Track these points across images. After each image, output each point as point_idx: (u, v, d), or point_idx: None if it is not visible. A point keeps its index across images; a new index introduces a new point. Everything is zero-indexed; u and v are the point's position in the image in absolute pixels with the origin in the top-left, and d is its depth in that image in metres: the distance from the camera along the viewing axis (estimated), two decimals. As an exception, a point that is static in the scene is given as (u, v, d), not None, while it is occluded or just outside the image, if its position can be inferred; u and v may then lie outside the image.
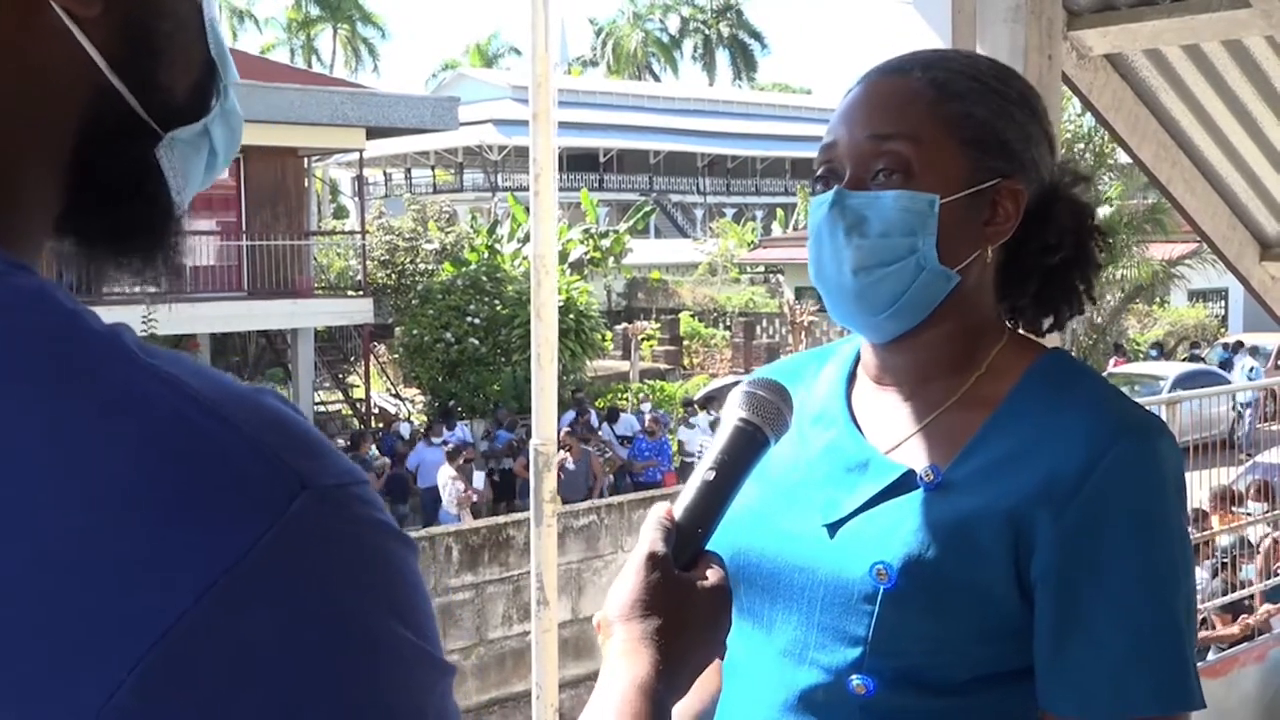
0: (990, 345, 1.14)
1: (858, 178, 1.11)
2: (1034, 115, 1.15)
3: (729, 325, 28.05)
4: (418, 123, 18.49)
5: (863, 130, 1.11)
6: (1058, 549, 1.02)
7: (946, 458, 1.09)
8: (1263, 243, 3.67)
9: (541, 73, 4.84)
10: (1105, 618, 1.02)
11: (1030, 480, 1.04)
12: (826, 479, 1.14)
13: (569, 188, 34.15)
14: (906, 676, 1.06)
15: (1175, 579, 1.03)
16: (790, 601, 1.11)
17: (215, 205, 18.37)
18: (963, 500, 1.06)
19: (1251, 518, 7.31)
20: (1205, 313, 27.64)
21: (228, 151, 0.71)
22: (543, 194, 4.94)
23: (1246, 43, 2.86)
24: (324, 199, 29.98)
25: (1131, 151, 3.21)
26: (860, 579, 1.06)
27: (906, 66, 1.14)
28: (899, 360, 1.16)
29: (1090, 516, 1.02)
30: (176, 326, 16.10)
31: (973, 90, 1.12)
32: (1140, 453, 1.04)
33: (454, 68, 52.22)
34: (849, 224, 1.10)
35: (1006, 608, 1.04)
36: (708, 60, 58.11)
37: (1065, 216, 1.15)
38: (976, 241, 1.11)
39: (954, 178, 1.10)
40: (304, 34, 50.10)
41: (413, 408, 19.71)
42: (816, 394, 1.22)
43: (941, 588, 1.04)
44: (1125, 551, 1.02)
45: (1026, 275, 1.16)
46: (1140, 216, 18.13)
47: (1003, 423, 1.09)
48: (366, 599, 0.53)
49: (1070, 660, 1.03)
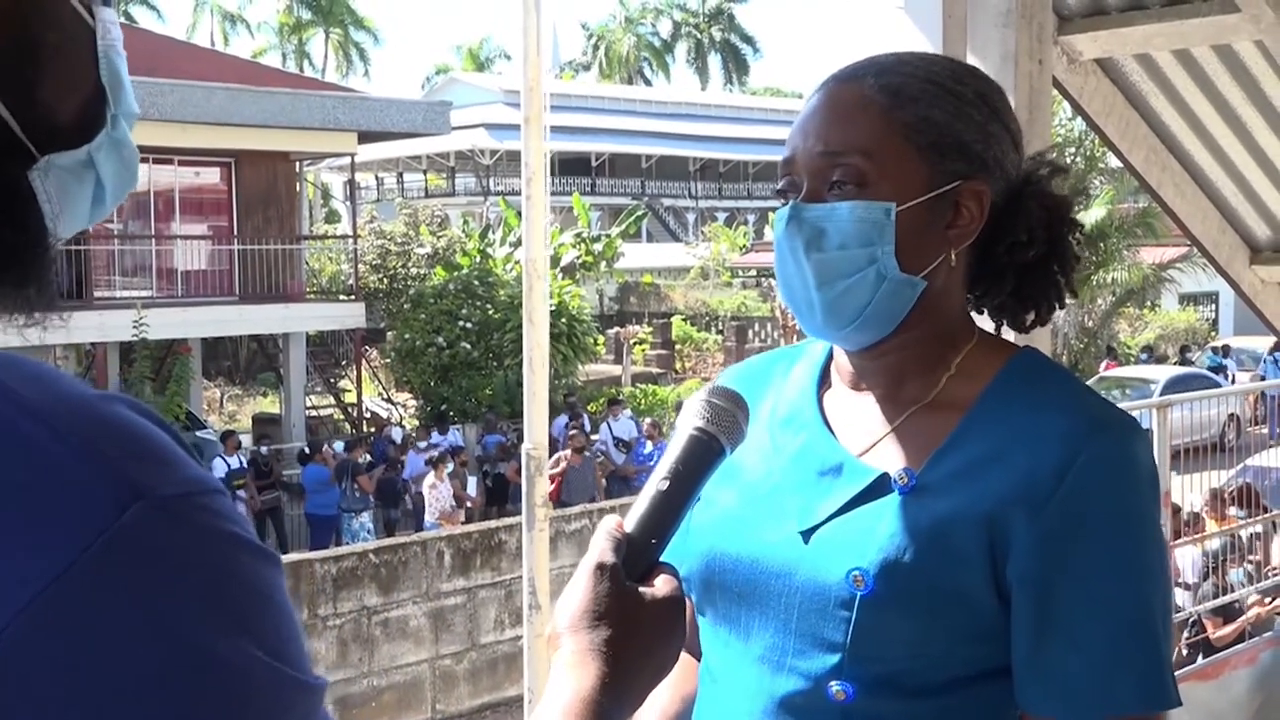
0: (960, 346, 1.14)
1: (814, 190, 1.11)
2: (993, 113, 1.14)
3: (721, 329, 28.06)
4: (409, 127, 18.46)
5: (816, 145, 1.11)
6: (1036, 551, 1.02)
7: (920, 460, 1.09)
8: (1252, 246, 3.66)
9: (533, 77, 4.84)
10: (1086, 618, 1.02)
11: (1006, 482, 1.04)
12: (800, 483, 1.13)
13: (561, 192, 34.13)
14: (885, 681, 1.05)
15: (1153, 577, 1.04)
16: (767, 607, 1.10)
17: (207, 210, 18.37)
18: (938, 503, 1.06)
19: (1241, 521, 7.33)
20: (1196, 316, 27.75)
21: (118, 187, 0.67)
22: (534, 198, 4.95)
23: (1235, 47, 2.85)
24: (316, 203, 29.92)
25: (1122, 156, 3.20)
26: (837, 585, 1.06)
27: (860, 73, 1.13)
28: (872, 364, 1.15)
29: (1068, 517, 1.02)
30: (167, 331, 16.09)
31: (927, 93, 1.11)
32: (1115, 452, 1.04)
33: (446, 72, 52.15)
34: (807, 238, 1.10)
35: (984, 610, 1.04)
36: (700, 64, 58.18)
37: (1036, 211, 1.14)
38: (940, 246, 1.11)
39: (912, 184, 1.09)
40: (296, 38, 49.98)
41: (404, 412, 19.69)
42: (786, 396, 1.21)
43: (919, 592, 1.04)
44: (1104, 551, 1.02)
45: (1001, 273, 1.15)
46: (1131, 220, 18.18)
47: (976, 424, 1.09)
48: (202, 616, 0.50)
49: (1051, 660, 1.02)
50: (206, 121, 15.96)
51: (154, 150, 15.90)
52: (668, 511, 0.94)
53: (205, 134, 16.22)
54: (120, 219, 17.80)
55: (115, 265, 17.21)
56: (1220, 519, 7.38)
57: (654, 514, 0.94)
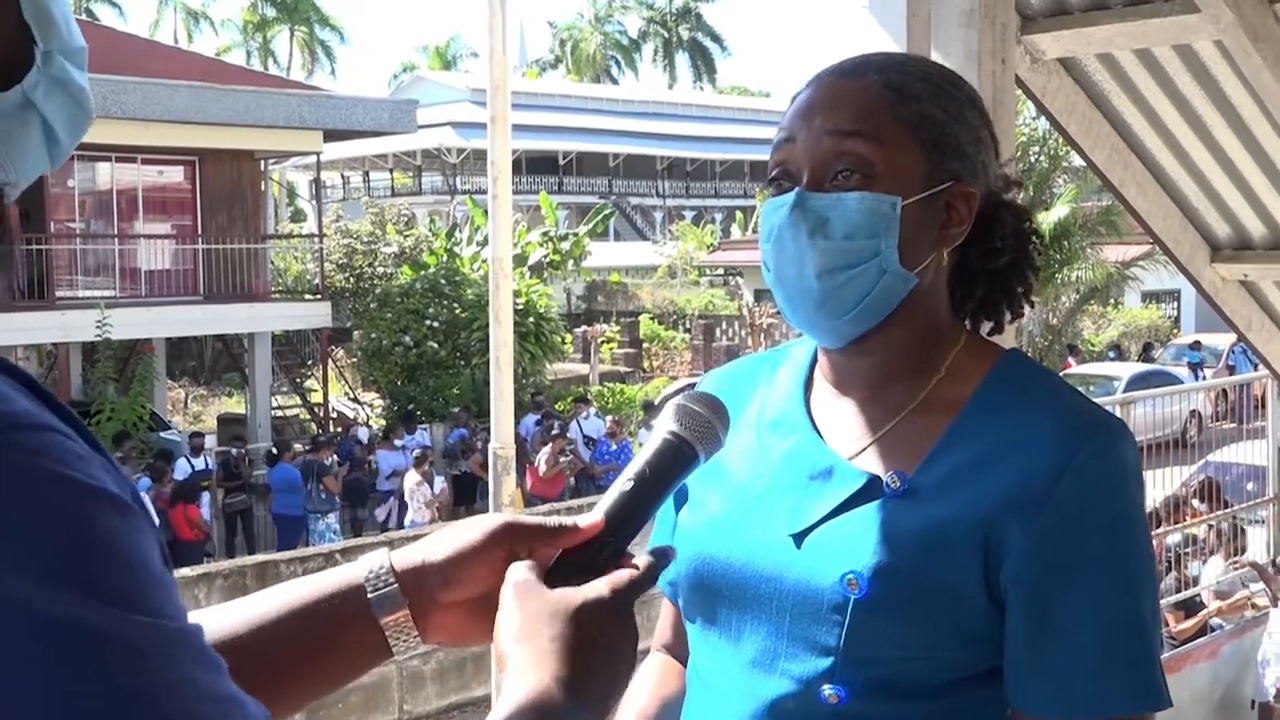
0: (948, 348, 1.14)
1: (816, 178, 1.09)
2: (983, 119, 1.16)
3: (688, 328, 28.08)
4: (375, 125, 18.36)
5: (823, 125, 1.10)
6: (1031, 554, 1.02)
7: (912, 463, 1.08)
8: (1213, 245, 3.67)
9: (499, 76, 4.80)
10: (1080, 620, 1.02)
11: (999, 485, 1.04)
12: (790, 487, 1.12)
13: (528, 190, 34.07)
14: (878, 684, 1.05)
15: (1143, 579, 1.04)
16: (759, 611, 1.09)
17: (170, 208, 18.20)
18: (931, 507, 1.05)
19: (1202, 517, 7.41)
20: (1158, 314, 28.01)
21: (70, 126, 0.63)
22: (500, 197, 4.92)
23: (1196, 47, 2.81)
24: (281, 202, 29.65)
25: (1085, 154, 3.19)
26: (830, 588, 1.05)
27: (861, 69, 1.13)
28: (858, 364, 1.15)
29: (1063, 521, 1.02)
30: (131, 331, 15.92)
31: (929, 92, 1.12)
32: (1107, 455, 1.04)
33: (412, 70, 51.89)
34: (811, 226, 1.08)
35: (977, 612, 1.04)
36: (668, 63, 58.19)
37: (1008, 220, 1.15)
38: (933, 244, 1.11)
39: (913, 179, 1.09)
40: (260, 36, 49.55)
41: (371, 412, 19.57)
42: (773, 399, 1.20)
43: (913, 595, 1.03)
44: (1098, 554, 1.02)
45: (974, 279, 1.16)
46: (1094, 219, 18.34)
47: (967, 427, 1.09)
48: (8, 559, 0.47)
49: (1048, 662, 1.03)
50: (170, 120, 15.82)
51: (117, 148, 15.75)
52: (630, 512, 0.92)
53: (169, 132, 16.07)
54: (83, 217, 17.61)
55: (78, 265, 17.02)
56: (1180, 518, 7.45)
57: (614, 513, 0.92)
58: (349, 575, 0.89)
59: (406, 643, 0.88)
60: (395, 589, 0.88)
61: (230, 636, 0.85)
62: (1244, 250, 3.65)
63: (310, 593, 0.88)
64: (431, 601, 0.89)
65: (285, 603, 0.88)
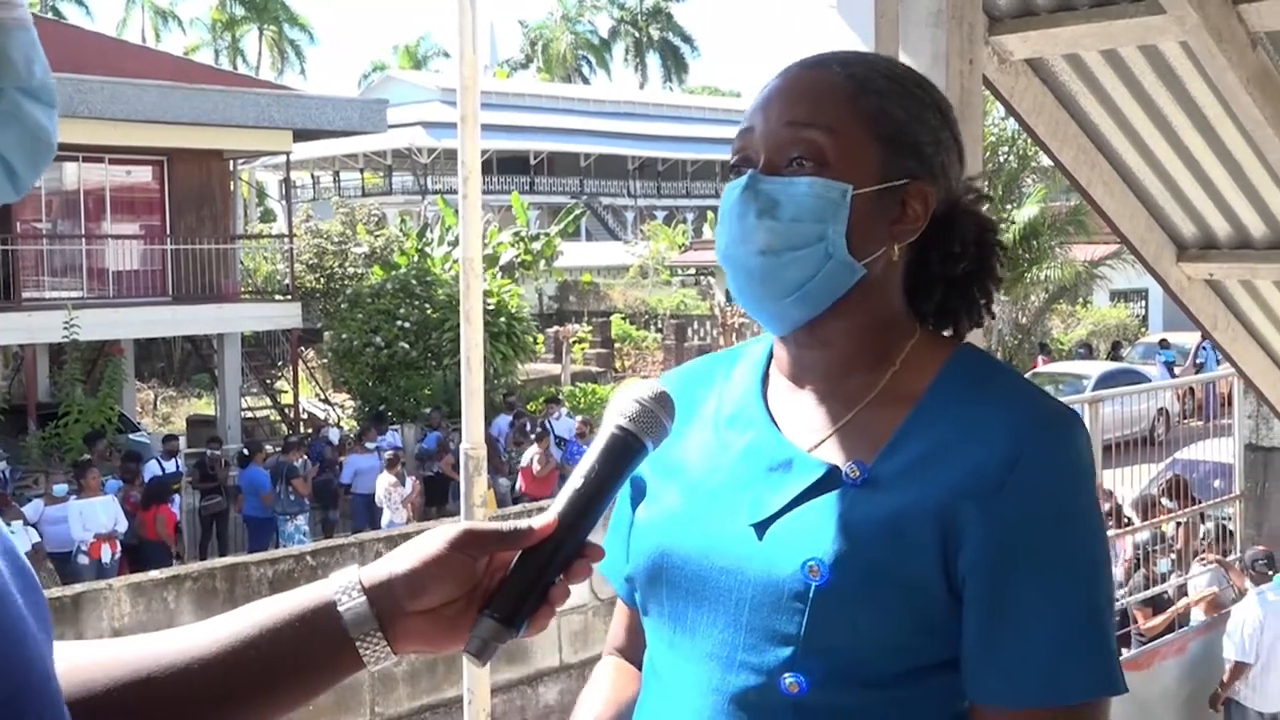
0: (903, 341, 1.15)
1: (772, 163, 1.12)
2: (946, 122, 1.17)
3: (660, 328, 28.07)
4: (346, 125, 18.23)
5: (780, 118, 1.12)
6: (987, 542, 1.04)
7: (870, 454, 1.10)
8: (1179, 244, 3.70)
9: (469, 76, 4.78)
10: (1036, 608, 1.03)
11: (956, 474, 1.05)
12: (749, 479, 1.13)
13: (500, 190, 33.96)
14: (838, 673, 1.05)
15: (1097, 568, 1.06)
16: (716, 604, 1.10)
17: (139, 209, 18.03)
18: (890, 496, 1.07)
19: (1170, 514, 7.47)
20: (1127, 313, 28.23)
21: (28, 160, 0.64)
22: (471, 197, 4.88)
23: (1161, 48, 2.82)
24: (250, 202, 29.45)
25: (1052, 155, 3.21)
26: (791, 576, 1.06)
27: (826, 62, 1.16)
28: (813, 357, 1.16)
29: (1018, 510, 1.03)
30: (99, 332, 15.78)
31: (890, 89, 1.14)
32: (1060, 445, 1.06)
33: (382, 69, 51.57)
34: (761, 207, 1.11)
35: (936, 600, 1.05)
36: (639, 63, 58.16)
37: (970, 228, 1.17)
38: (883, 238, 1.13)
39: (867, 171, 1.11)
40: (229, 35, 49.11)
41: (342, 413, 19.45)
42: (730, 396, 1.21)
43: (874, 582, 1.04)
44: (1052, 543, 1.04)
45: (931, 283, 1.18)
46: (1063, 218, 18.48)
47: (924, 418, 1.10)
48: None
49: (1002, 651, 1.04)
50: (138, 119, 15.65)
51: (83, 148, 15.59)
52: (583, 508, 0.96)
53: (136, 132, 15.91)
54: (49, 218, 17.42)
55: (44, 265, 16.83)
56: (1147, 516, 7.52)
57: (568, 511, 0.96)
58: (319, 592, 0.93)
59: (378, 655, 0.91)
60: (364, 603, 0.92)
61: (202, 658, 0.87)
62: (1209, 250, 3.69)
63: (281, 611, 0.91)
64: (401, 612, 0.92)
65: (256, 622, 0.90)
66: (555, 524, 0.95)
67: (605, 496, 0.98)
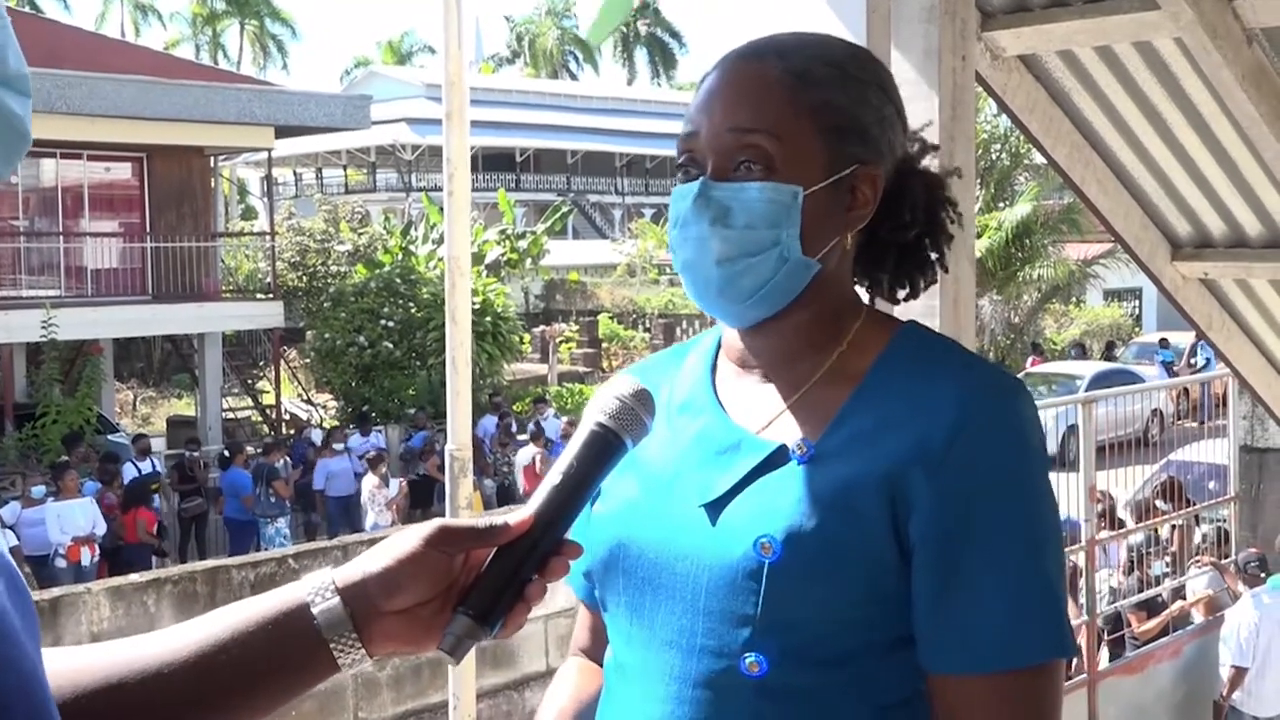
0: (850, 323, 1.16)
1: (720, 168, 1.12)
2: (887, 96, 1.17)
3: (648, 327, 28.03)
4: (329, 121, 18.24)
5: (723, 122, 1.12)
6: (935, 510, 1.04)
7: (817, 431, 1.11)
8: (1174, 243, 3.66)
9: (454, 71, 4.72)
10: (985, 574, 1.04)
11: (902, 444, 1.06)
12: (700, 463, 1.14)
13: (485, 188, 33.87)
14: (797, 651, 1.06)
15: (1045, 532, 1.06)
16: (673, 590, 1.10)
17: (118, 206, 17.98)
18: (837, 468, 1.07)
19: (1165, 517, 7.44)
20: (1120, 312, 28.12)
21: (4, 152, 0.64)
22: (457, 194, 4.83)
23: (1156, 44, 2.77)
24: (232, 199, 29.29)
25: (1046, 152, 3.18)
26: (744, 555, 1.06)
27: (762, 52, 1.15)
28: (762, 343, 1.17)
29: (964, 477, 1.04)
30: (78, 331, 15.72)
31: (830, 77, 1.13)
32: (1005, 413, 1.07)
33: (366, 65, 51.39)
34: (714, 215, 1.11)
35: (888, 570, 1.05)
36: (627, 59, 58.07)
37: (919, 191, 1.18)
38: (836, 229, 1.14)
39: (815, 168, 1.12)
40: (210, 30, 48.86)
41: (325, 414, 19.37)
42: (682, 385, 1.23)
43: (826, 555, 1.05)
44: (999, 509, 1.05)
45: (884, 253, 1.19)
46: (1056, 217, 18.49)
47: (869, 394, 1.11)
48: None
49: (953, 617, 1.04)
50: (117, 115, 15.57)
51: (62, 144, 15.49)
52: (561, 505, 0.97)
53: (115, 128, 15.83)
54: (26, 215, 17.30)
55: (21, 263, 16.78)
56: (1141, 519, 7.49)
57: (545, 508, 0.97)
58: (292, 594, 0.92)
59: (353, 657, 0.91)
60: (338, 604, 0.91)
61: (173, 662, 0.88)
62: (1204, 248, 3.66)
63: (254, 614, 0.91)
64: (375, 612, 0.92)
65: (228, 625, 0.90)
66: (531, 521, 0.95)
67: (584, 494, 0.99)
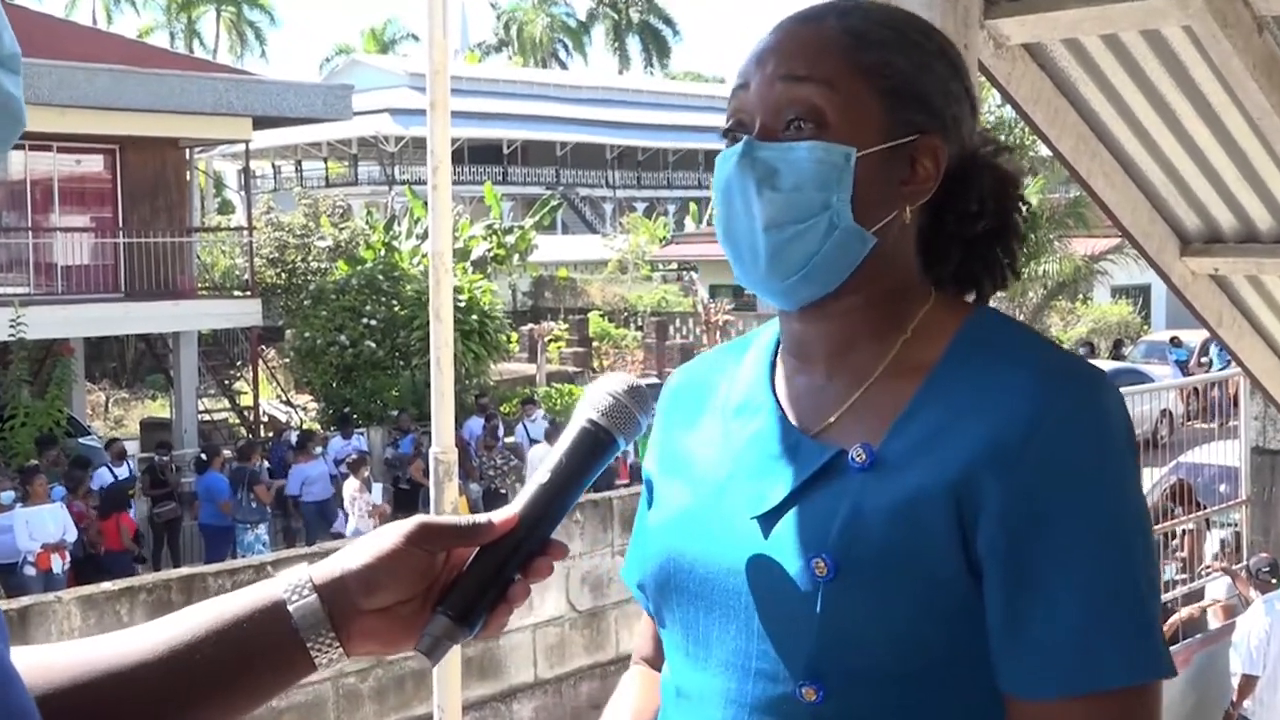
0: (916, 308, 1.10)
1: (768, 128, 1.08)
2: (955, 71, 1.12)
3: (640, 325, 27.83)
4: (308, 112, 18.15)
5: (775, 72, 1.08)
6: (1007, 516, 0.98)
7: (879, 433, 1.05)
8: (1183, 238, 3.62)
9: (439, 60, 4.54)
10: (1062, 584, 0.97)
11: (970, 447, 0.99)
12: (754, 470, 1.09)
13: (472, 181, 33.70)
14: (857, 676, 1.00)
15: (1132, 537, 0.99)
16: (727, 609, 1.06)
17: (89, 200, 17.87)
18: (900, 477, 1.02)
19: (1175, 520, 7.32)
20: (1128, 310, 27.76)
21: None
22: (440, 188, 4.63)
23: (1164, 33, 2.75)
24: (208, 193, 29.13)
25: (1050, 144, 3.15)
26: (797, 576, 1.02)
27: (821, 14, 1.11)
28: (817, 330, 1.11)
29: (1040, 476, 0.98)
30: (48, 330, 15.68)
31: (891, 39, 1.09)
32: (1087, 405, 1.00)
33: (348, 53, 51.01)
34: (759, 177, 1.06)
35: (955, 588, 0.99)
36: (618, 47, 57.78)
37: (988, 183, 1.13)
38: (894, 201, 1.08)
39: (870, 130, 1.07)
40: (185, 16, 48.52)
41: (305, 415, 19.25)
42: (739, 385, 1.18)
43: (885, 575, 0.99)
44: (1078, 511, 0.97)
45: (948, 244, 1.13)
46: (1062, 211, 18.31)
47: (936, 389, 1.05)
48: None
49: (1028, 633, 0.97)
50: (88, 105, 15.40)
51: (31, 136, 15.24)
52: (547, 503, 0.96)
53: (87, 119, 15.67)
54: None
55: (-11, 260, 16.52)
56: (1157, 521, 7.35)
57: (530, 506, 0.95)
58: (268, 591, 0.92)
59: (330, 656, 0.91)
60: (315, 601, 0.91)
61: (146, 661, 0.88)
62: (1214, 243, 3.63)
63: (229, 611, 0.91)
64: (354, 610, 0.91)
65: (203, 623, 0.90)
66: (516, 519, 0.95)
67: (572, 493, 0.98)
